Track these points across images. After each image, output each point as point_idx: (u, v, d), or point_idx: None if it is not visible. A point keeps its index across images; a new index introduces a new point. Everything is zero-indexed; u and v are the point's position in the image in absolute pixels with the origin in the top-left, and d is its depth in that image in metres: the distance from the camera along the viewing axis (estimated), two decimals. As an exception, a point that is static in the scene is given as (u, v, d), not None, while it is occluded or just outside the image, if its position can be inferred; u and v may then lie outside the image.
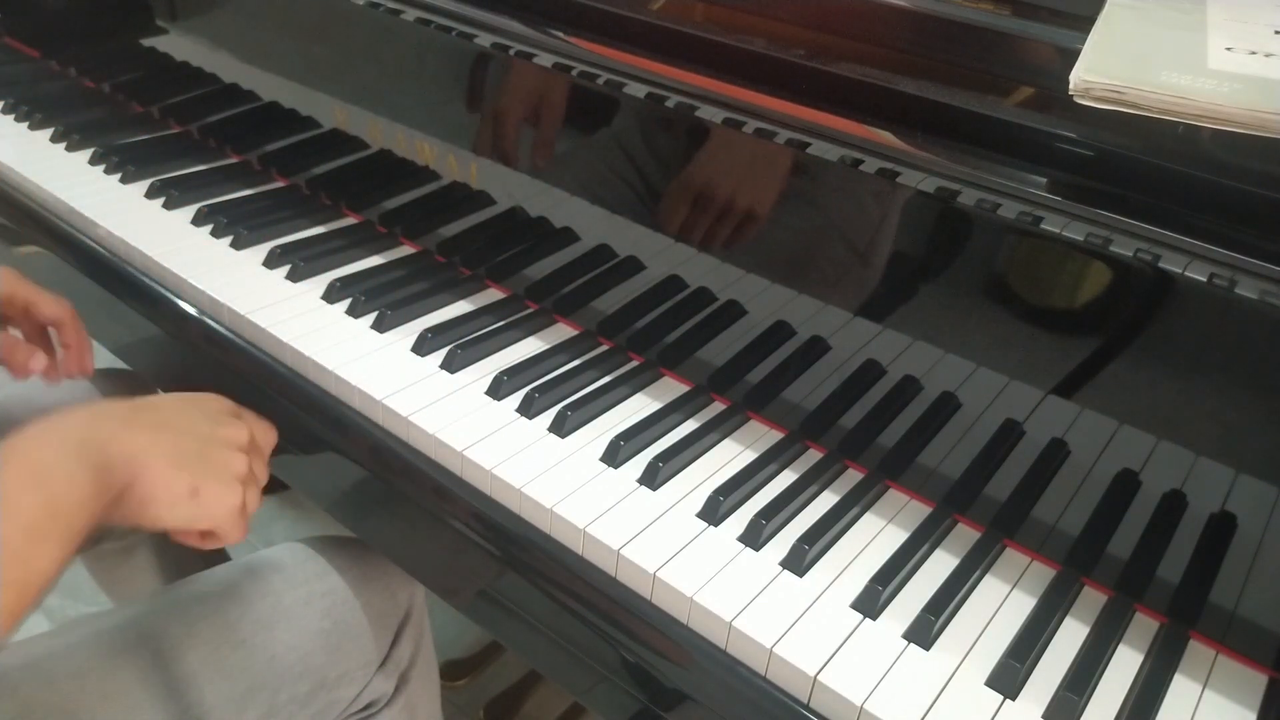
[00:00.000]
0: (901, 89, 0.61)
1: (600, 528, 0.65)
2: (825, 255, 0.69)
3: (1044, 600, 0.63)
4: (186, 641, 0.72)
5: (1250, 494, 0.57)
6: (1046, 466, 0.64)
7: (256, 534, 1.62)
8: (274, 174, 1.05)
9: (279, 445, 0.83)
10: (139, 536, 1.08)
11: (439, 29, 0.82)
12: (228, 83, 1.04)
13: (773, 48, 0.66)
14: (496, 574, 0.70)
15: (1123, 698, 0.58)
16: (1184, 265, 0.54)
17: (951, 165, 0.60)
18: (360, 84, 0.92)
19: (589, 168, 0.79)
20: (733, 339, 0.76)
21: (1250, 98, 0.49)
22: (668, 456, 0.70)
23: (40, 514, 0.51)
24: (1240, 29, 0.57)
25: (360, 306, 0.84)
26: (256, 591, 0.77)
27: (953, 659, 0.59)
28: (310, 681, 0.76)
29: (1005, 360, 0.64)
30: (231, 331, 0.84)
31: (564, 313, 0.86)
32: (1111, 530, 0.63)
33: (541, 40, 0.76)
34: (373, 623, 0.79)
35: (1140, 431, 0.60)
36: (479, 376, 0.78)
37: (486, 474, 0.69)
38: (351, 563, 0.81)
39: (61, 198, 0.98)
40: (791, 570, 0.63)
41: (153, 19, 1.08)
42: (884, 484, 0.72)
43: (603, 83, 0.74)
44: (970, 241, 0.62)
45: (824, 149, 0.65)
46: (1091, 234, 0.56)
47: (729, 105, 0.68)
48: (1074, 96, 0.52)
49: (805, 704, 0.58)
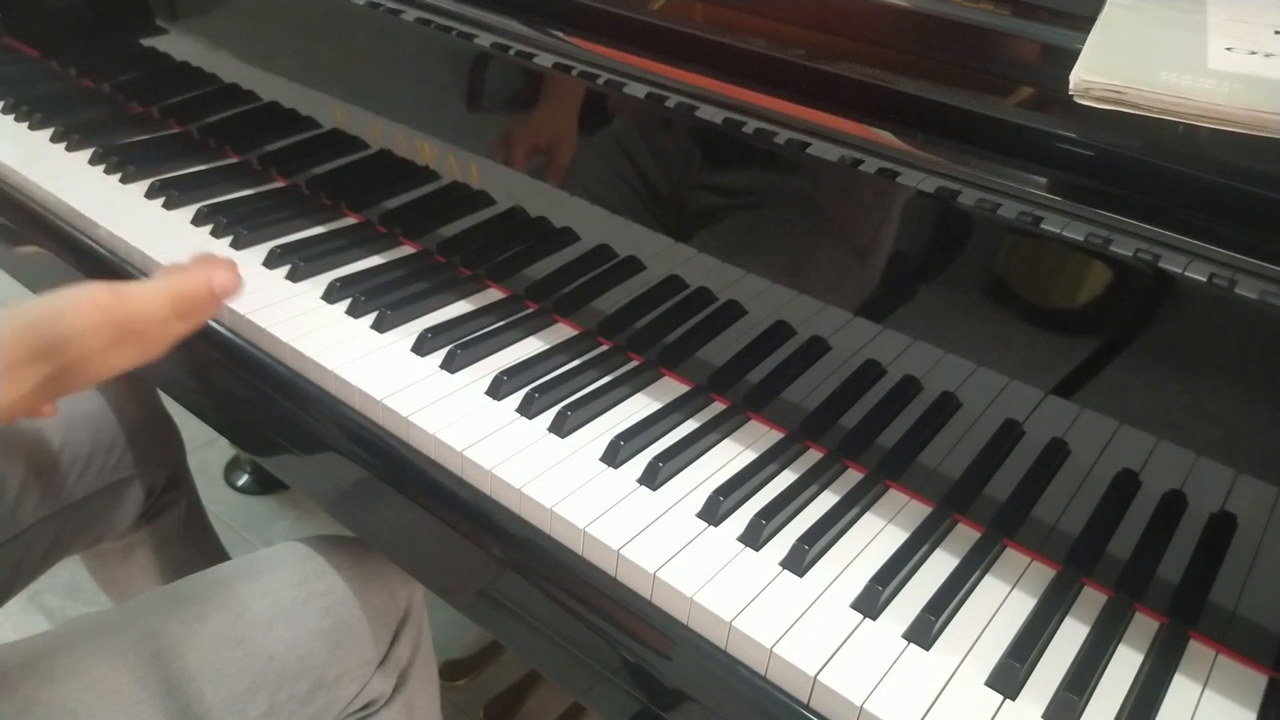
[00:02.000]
0: (901, 89, 0.61)
1: (600, 528, 0.65)
2: (825, 255, 0.69)
3: (1044, 600, 0.63)
4: (186, 641, 0.72)
5: (1250, 494, 0.57)
6: (1046, 466, 0.64)
7: (256, 534, 1.62)
8: (274, 174, 1.05)
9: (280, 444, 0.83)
10: (139, 536, 1.08)
11: (439, 29, 0.82)
12: (228, 83, 1.04)
13: (773, 48, 0.66)
14: (496, 574, 0.70)
15: (1123, 698, 0.58)
16: (1184, 265, 0.54)
17: (951, 165, 0.60)
18: (360, 84, 0.92)
19: (589, 168, 0.79)
20: (733, 339, 0.76)
21: (1250, 98, 0.49)
22: (668, 456, 0.70)
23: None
24: (1240, 29, 0.57)
25: (360, 306, 0.84)
26: (256, 591, 0.77)
27: (953, 659, 0.59)
28: (309, 681, 0.76)
29: (1005, 360, 0.64)
30: (231, 331, 0.84)
31: (564, 313, 0.86)
32: (1111, 530, 0.63)
33: (541, 40, 0.76)
34: (372, 622, 0.79)
35: (1140, 431, 0.60)
36: (479, 376, 0.78)
37: (486, 474, 0.69)
38: (350, 562, 0.81)
39: (61, 198, 0.98)
40: (791, 570, 0.63)
41: (153, 19, 1.08)
42: (884, 484, 0.72)
43: (603, 83, 0.74)
44: (970, 241, 0.62)
45: (824, 149, 0.65)
46: (1091, 234, 0.56)
47: (729, 105, 0.68)
48: (1074, 96, 0.52)
49: (805, 704, 0.58)
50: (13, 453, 0.89)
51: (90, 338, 0.59)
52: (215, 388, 0.87)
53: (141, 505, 1.05)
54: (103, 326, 0.59)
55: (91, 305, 0.59)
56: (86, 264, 0.95)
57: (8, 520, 0.90)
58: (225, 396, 0.86)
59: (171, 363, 0.91)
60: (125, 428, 0.99)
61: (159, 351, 0.64)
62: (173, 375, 0.92)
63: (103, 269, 0.93)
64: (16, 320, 0.57)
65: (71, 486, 0.94)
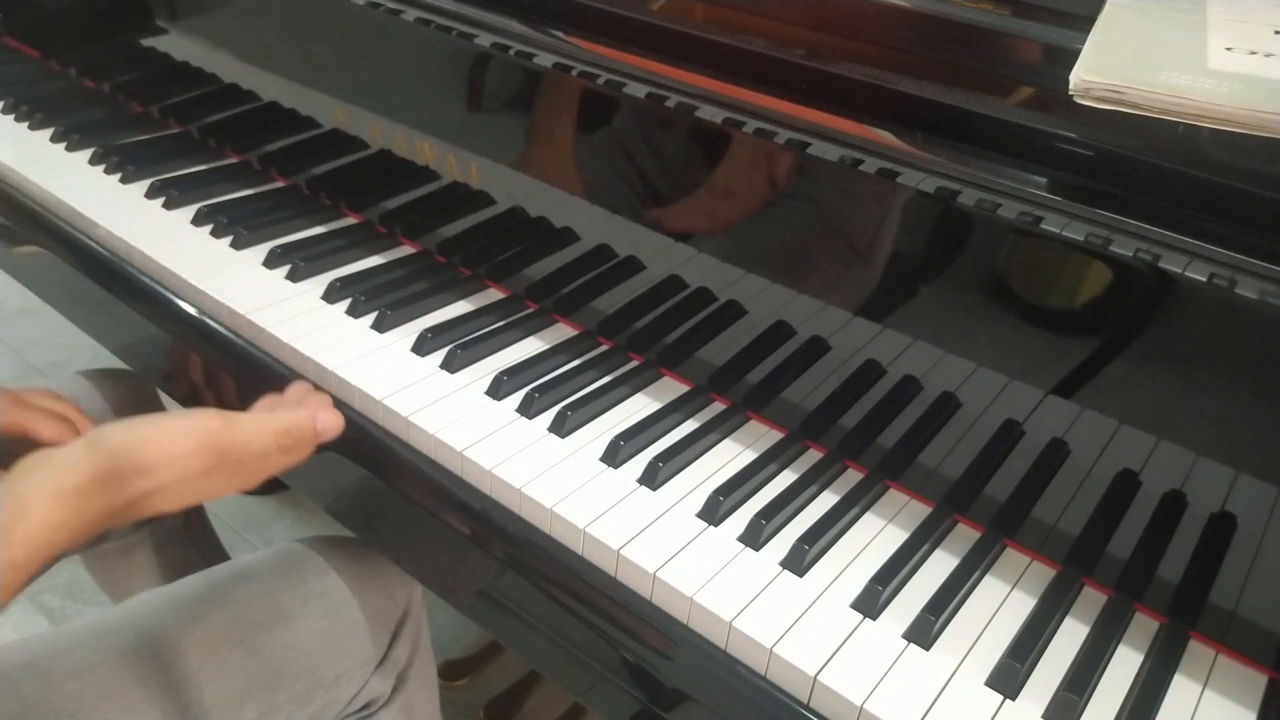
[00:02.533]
0: (901, 89, 0.61)
1: (600, 528, 0.65)
2: (825, 255, 0.69)
3: (1044, 600, 0.63)
4: (185, 641, 0.72)
5: (1250, 494, 0.57)
6: (1046, 466, 0.64)
7: (256, 534, 1.63)
8: (274, 174, 1.05)
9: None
10: (139, 536, 1.08)
11: (439, 29, 0.82)
12: (228, 83, 1.04)
13: (773, 48, 0.66)
14: (496, 574, 0.70)
15: (1123, 698, 0.58)
16: (1184, 265, 0.54)
17: (951, 165, 0.60)
18: (360, 84, 0.92)
19: (589, 167, 0.79)
20: (733, 339, 0.76)
21: (1250, 98, 0.49)
22: (668, 456, 0.70)
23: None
24: (1240, 29, 0.57)
25: (360, 306, 0.84)
26: (255, 591, 0.77)
27: (953, 659, 0.59)
28: (308, 681, 0.76)
29: (1005, 360, 0.63)
30: (231, 331, 0.84)
31: (564, 313, 0.86)
32: (1111, 530, 0.63)
33: (541, 40, 0.76)
34: (370, 622, 0.79)
35: (1140, 431, 0.60)
36: (479, 376, 0.78)
37: (486, 474, 0.69)
38: (349, 562, 0.81)
39: (61, 198, 0.98)
40: (791, 570, 0.63)
41: (153, 19, 1.08)
42: (884, 484, 0.72)
43: (603, 83, 0.74)
44: (970, 241, 0.62)
45: (824, 149, 0.65)
46: (1091, 234, 0.56)
47: (729, 105, 0.68)
48: (1074, 96, 0.52)
49: (805, 704, 0.58)
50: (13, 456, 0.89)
51: (186, 462, 0.58)
52: (215, 388, 0.87)
53: (141, 505, 1.05)
54: (203, 453, 0.59)
55: (198, 430, 0.59)
56: (86, 264, 0.95)
57: (8, 520, 0.90)
58: (225, 397, 0.86)
59: (172, 363, 0.91)
60: (125, 428, 0.99)
61: (253, 483, 0.64)
62: (173, 376, 0.92)
63: (102, 269, 0.93)
64: (101, 439, 0.56)
65: (72, 487, 0.94)
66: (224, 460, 0.60)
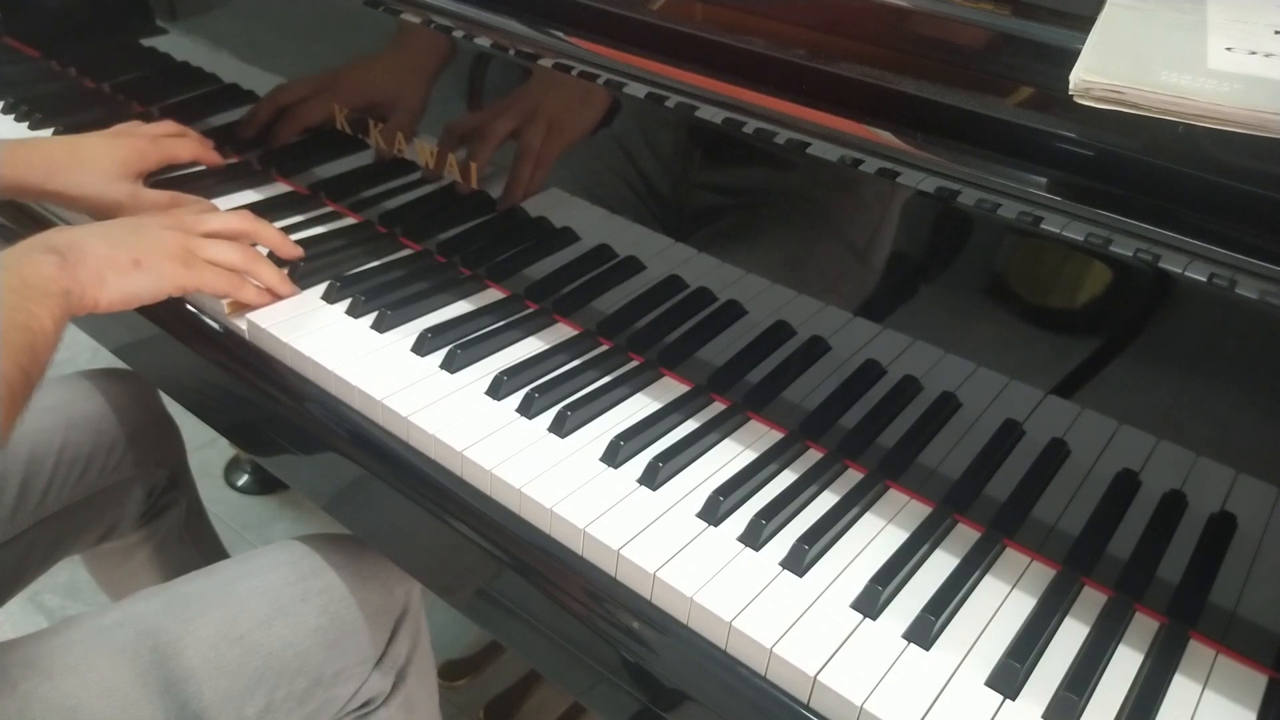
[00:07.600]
0: (901, 89, 0.61)
1: (600, 528, 0.65)
2: (825, 255, 0.69)
3: (1044, 600, 0.63)
4: (185, 639, 0.72)
5: (1250, 494, 0.57)
6: (1046, 466, 0.64)
7: (256, 533, 1.63)
8: (273, 174, 1.05)
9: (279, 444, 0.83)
10: (139, 536, 1.08)
11: (439, 29, 0.82)
12: (228, 83, 1.04)
13: (773, 48, 0.66)
14: (495, 574, 0.70)
15: (1123, 698, 0.58)
16: (1184, 265, 0.54)
17: (951, 165, 0.60)
18: (360, 84, 0.92)
19: (589, 167, 0.79)
20: (733, 339, 0.76)
21: (1250, 98, 0.49)
22: (668, 456, 0.70)
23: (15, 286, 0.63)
24: (1240, 29, 0.57)
25: (360, 307, 0.84)
26: (254, 589, 0.77)
27: (953, 659, 0.59)
28: (307, 678, 0.76)
29: (1005, 360, 0.64)
30: (231, 331, 0.84)
31: (564, 313, 0.86)
32: (1111, 530, 0.63)
33: (541, 40, 0.76)
34: (369, 620, 0.79)
35: (1140, 431, 0.60)
36: (479, 376, 0.78)
37: (486, 474, 0.69)
38: (348, 560, 0.81)
39: (62, 197, 0.98)
40: (791, 570, 0.63)
41: (153, 19, 1.08)
42: (884, 484, 0.72)
43: (602, 83, 0.74)
44: (970, 241, 0.62)
45: (824, 149, 0.65)
46: (1091, 234, 0.56)
47: (729, 105, 0.68)
48: (1074, 96, 0.52)
49: (805, 704, 0.58)
50: (13, 453, 0.89)
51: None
52: (215, 388, 0.87)
53: (142, 505, 1.05)
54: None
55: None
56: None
57: (8, 520, 0.90)
58: (225, 397, 0.86)
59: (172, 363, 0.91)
60: (125, 428, 0.99)
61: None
62: (173, 375, 0.92)
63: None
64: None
65: (72, 487, 0.95)
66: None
